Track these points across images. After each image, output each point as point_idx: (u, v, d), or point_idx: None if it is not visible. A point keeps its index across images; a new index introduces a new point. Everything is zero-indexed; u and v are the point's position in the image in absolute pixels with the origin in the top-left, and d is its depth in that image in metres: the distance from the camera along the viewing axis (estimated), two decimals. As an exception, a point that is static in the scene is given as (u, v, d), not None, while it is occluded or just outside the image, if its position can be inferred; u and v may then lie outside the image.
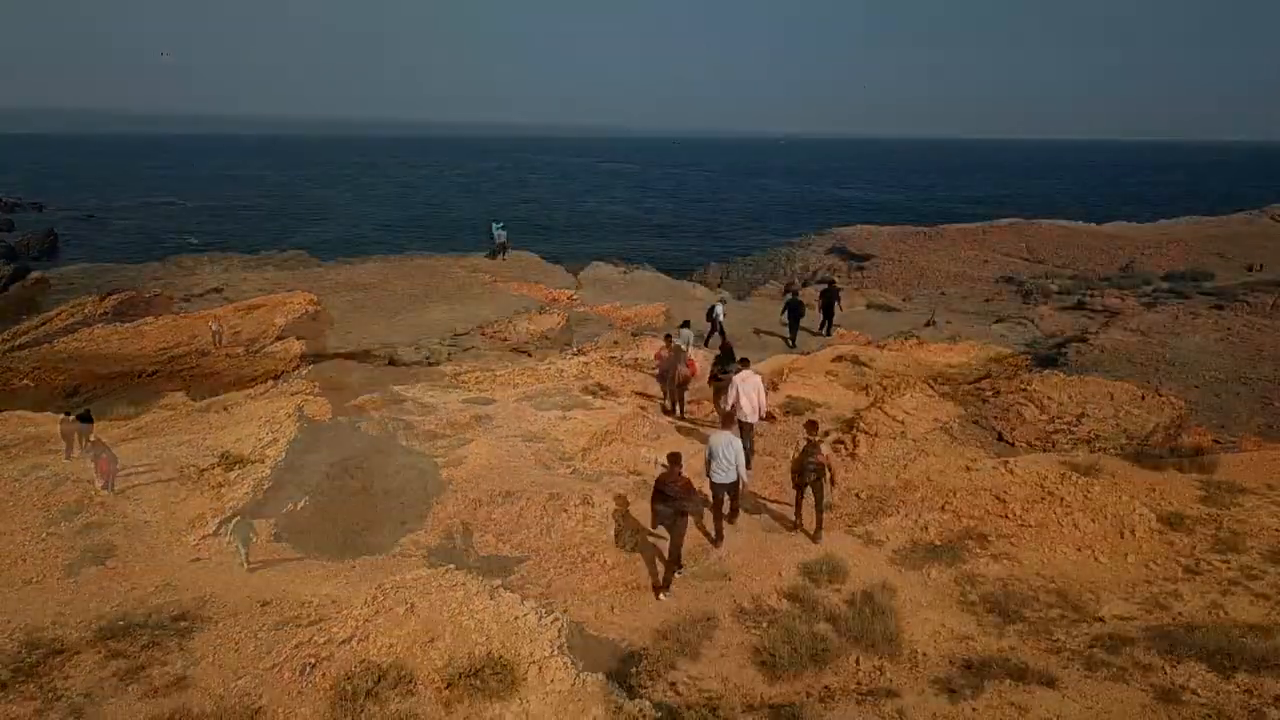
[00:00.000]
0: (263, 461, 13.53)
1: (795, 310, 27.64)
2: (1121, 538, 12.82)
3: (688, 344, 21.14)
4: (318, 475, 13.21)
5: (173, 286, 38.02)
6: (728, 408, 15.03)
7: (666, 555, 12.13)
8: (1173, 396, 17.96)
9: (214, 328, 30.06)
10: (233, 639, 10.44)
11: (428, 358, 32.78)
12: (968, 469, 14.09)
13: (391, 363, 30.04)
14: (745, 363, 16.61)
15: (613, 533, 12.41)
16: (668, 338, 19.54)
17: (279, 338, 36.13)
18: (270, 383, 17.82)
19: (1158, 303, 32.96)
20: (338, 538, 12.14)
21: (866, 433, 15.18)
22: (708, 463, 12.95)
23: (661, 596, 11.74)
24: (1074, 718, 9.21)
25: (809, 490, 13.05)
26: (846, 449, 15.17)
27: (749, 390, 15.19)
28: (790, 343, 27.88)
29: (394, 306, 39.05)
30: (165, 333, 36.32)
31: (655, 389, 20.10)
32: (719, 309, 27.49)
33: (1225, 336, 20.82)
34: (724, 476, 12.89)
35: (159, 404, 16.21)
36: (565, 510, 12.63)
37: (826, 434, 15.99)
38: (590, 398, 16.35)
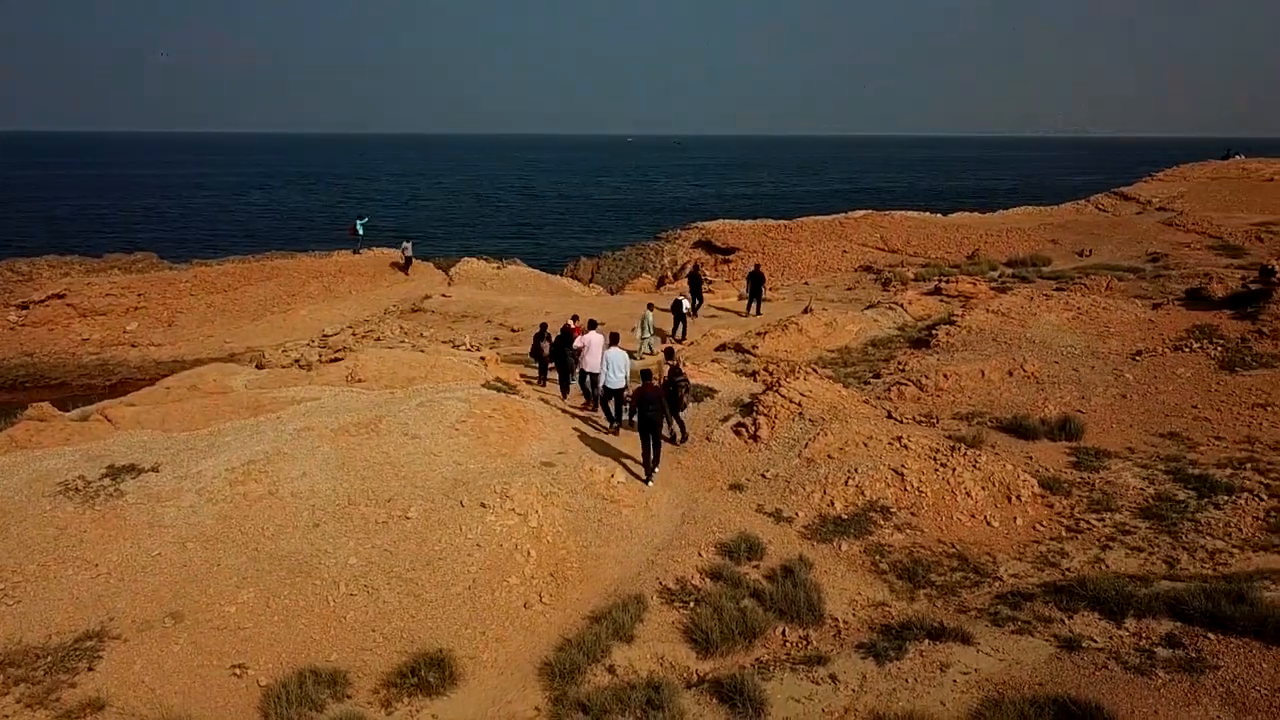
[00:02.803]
0: (157, 470, 12.84)
1: (694, 281, 33.11)
2: (1009, 503, 13.71)
3: (649, 326, 24.98)
4: (219, 481, 12.64)
5: (8, 294, 35.30)
6: (584, 365, 18.51)
7: (643, 458, 14.67)
8: (1037, 371, 19.26)
9: None
10: (147, 654, 9.94)
11: (298, 360, 31.69)
12: (865, 445, 14.73)
13: (259, 367, 28.87)
14: (593, 324, 19.21)
15: (534, 524, 12.38)
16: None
17: (133, 344, 34.22)
18: (147, 389, 16.82)
19: (1006, 287, 35.16)
20: (247, 545, 11.65)
21: (766, 415, 15.63)
22: (604, 372, 16.47)
23: (650, 484, 14.41)
24: (990, 670, 9.83)
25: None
26: (748, 431, 15.59)
27: (594, 347, 18.08)
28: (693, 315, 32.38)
29: (255, 309, 37.62)
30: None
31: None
32: (686, 304, 30.10)
33: (1076, 315, 22.42)
34: (616, 382, 16.49)
35: (24, 415, 15.07)
36: (484, 504, 12.52)
37: (727, 418, 16.40)
38: (493, 392, 16.20)
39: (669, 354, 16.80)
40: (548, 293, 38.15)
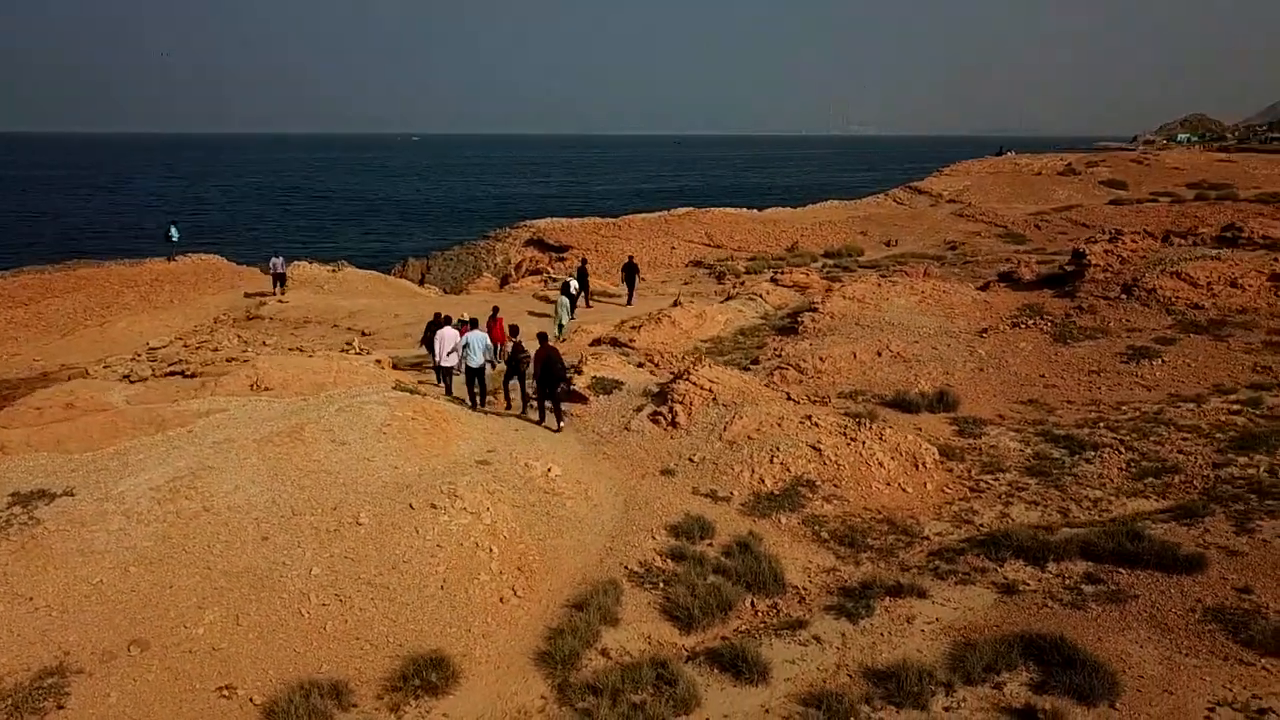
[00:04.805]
0: (72, 494, 11.87)
1: (583, 275, 34.34)
2: (917, 470, 14.94)
3: (566, 310, 27.75)
4: (144, 501, 11.84)
5: None
6: (439, 360, 20.11)
7: (554, 412, 16.57)
8: (902, 351, 20.86)
9: None
10: (120, 685, 9.30)
11: (127, 376, 29.45)
12: (779, 425, 15.58)
13: (69, 378, 26.61)
14: (446, 320, 20.34)
15: (488, 521, 12.36)
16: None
17: (-77, 366, 30.62)
18: (9, 410, 15.30)
19: (834, 277, 37.47)
20: (196, 564, 11.02)
21: (682, 402, 16.19)
22: (466, 354, 18.40)
23: (561, 428, 16.40)
24: (950, 618, 10.84)
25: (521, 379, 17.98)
26: (666, 419, 16.10)
27: (446, 340, 19.74)
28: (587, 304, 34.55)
29: (65, 323, 34.61)
30: None
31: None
32: (573, 284, 31.70)
33: (923, 299, 24.39)
34: (476, 362, 18.24)
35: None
36: (434, 505, 12.39)
37: (640, 408, 16.84)
38: (409, 394, 15.91)
39: (514, 330, 19.20)
40: (389, 294, 37.15)
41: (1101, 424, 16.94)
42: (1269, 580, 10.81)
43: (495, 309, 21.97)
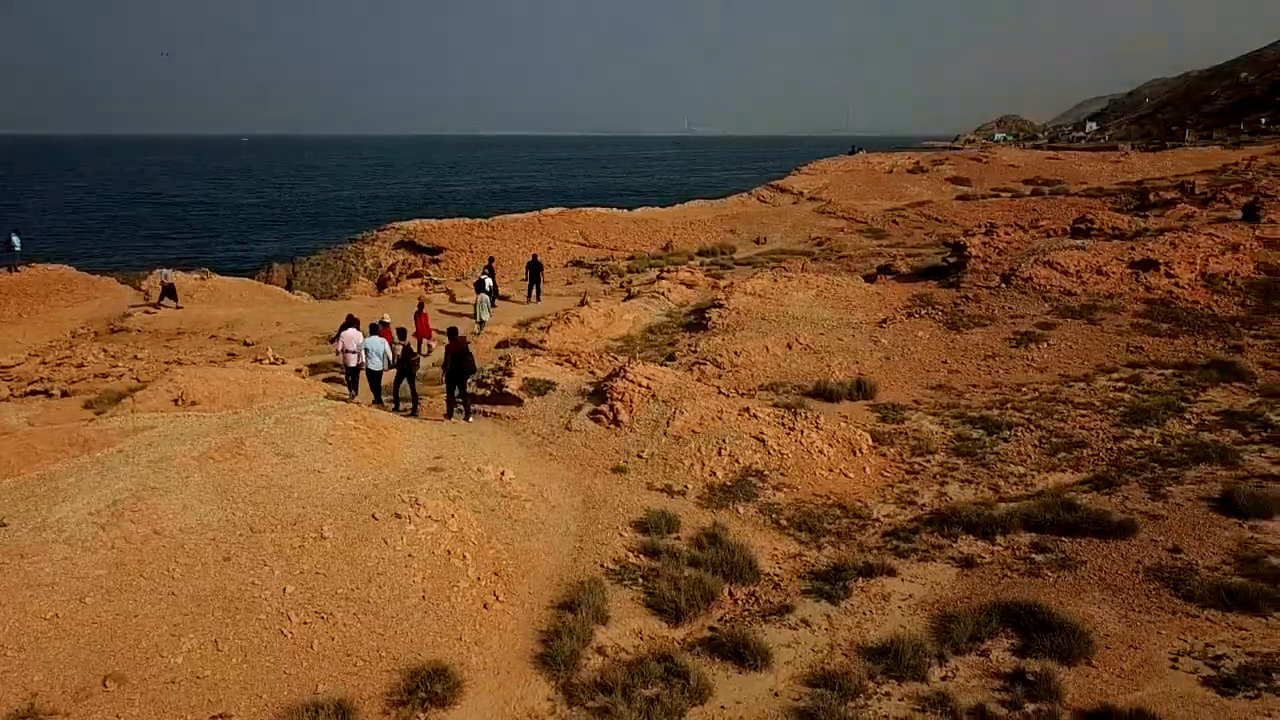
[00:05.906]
0: (3, 524, 10.93)
1: (491, 273, 33.72)
2: (854, 455, 15.56)
3: (485, 306, 27.98)
4: (86, 527, 11.02)
5: None
6: (345, 361, 20.00)
7: (462, 401, 17.65)
8: (811, 343, 21.61)
9: None
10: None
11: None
12: (720, 419, 15.91)
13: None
14: (355, 324, 20.27)
15: (455, 528, 12.14)
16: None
17: None
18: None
19: (717, 274, 38.34)
20: (159, 590, 10.36)
21: (622, 400, 16.28)
22: (363, 355, 19.10)
23: (471, 419, 17.28)
24: (921, 594, 11.41)
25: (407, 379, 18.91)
26: (608, 417, 16.16)
27: (350, 343, 19.58)
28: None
29: (-105, 341, 31.38)
30: None
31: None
32: (488, 281, 31.61)
33: (820, 293, 25.31)
34: (375, 366, 19.13)
35: None
36: (398, 515, 12.06)
37: (579, 408, 16.84)
38: (345, 403, 15.36)
39: (403, 333, 20.68)
40: (266, 302, 35.45)
41: (1008, 405, 18.07)
42: (1192, 540, 11.86)
43: (421, 304, 21.73)
